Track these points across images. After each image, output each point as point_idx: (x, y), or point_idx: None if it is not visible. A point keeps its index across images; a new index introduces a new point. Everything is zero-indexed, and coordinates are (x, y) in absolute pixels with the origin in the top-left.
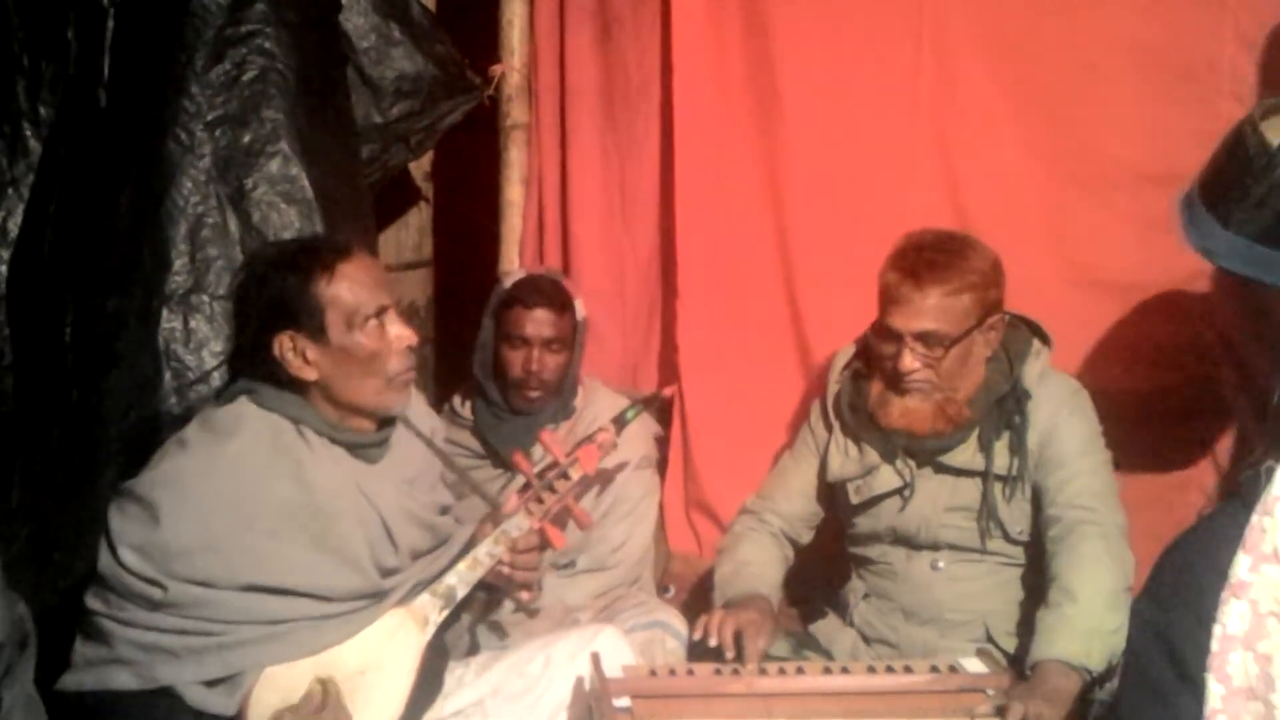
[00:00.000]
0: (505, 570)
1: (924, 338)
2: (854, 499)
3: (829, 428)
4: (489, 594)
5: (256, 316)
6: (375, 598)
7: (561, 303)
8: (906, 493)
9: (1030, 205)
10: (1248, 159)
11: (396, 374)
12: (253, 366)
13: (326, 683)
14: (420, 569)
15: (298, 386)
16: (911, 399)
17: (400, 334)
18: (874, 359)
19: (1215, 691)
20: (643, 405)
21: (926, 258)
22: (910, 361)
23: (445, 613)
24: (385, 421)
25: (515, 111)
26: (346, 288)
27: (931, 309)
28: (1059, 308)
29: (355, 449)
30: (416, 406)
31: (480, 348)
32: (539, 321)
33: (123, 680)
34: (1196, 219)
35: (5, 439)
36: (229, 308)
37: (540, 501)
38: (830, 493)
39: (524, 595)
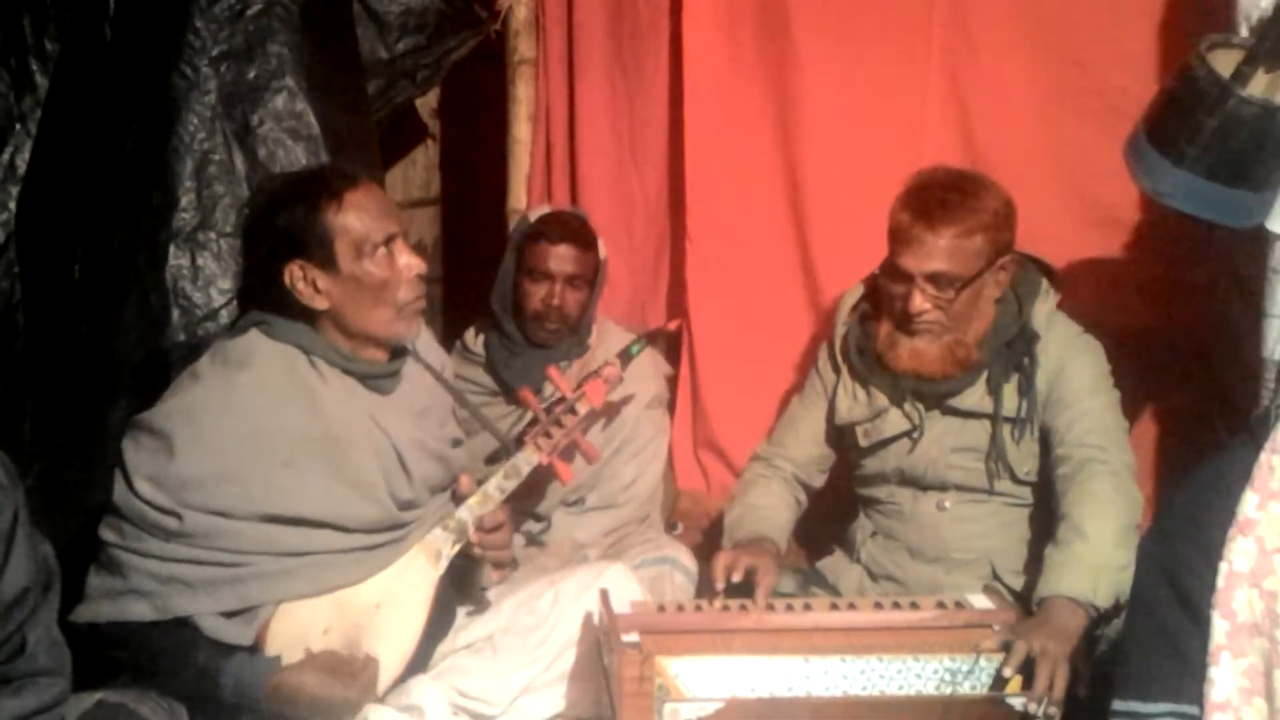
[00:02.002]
0: (476, 552)
1: (935, 279)
2: (862, 442)
3: (836, 370)
4: (465, 561)
5: (266, 247)
6: (391, 530)
7: (586, 240)
8: (915, 435)
9: (1042, 141)
10: (1199, 93)
11: (407, 302)
12: (264, 298)
13: (359, 633)
14: (438, 506)
15: (309, 317)
16: (920, 340)
17: (409, 262)
18: (883, 300)
19: (1220, 627)
20: (648, 340)
21: (939, 197)
22: (920, 302)
23: (457, 546)
24: (397, 352)
25: (522, 46)
26: (355, 216)
27: (944, 250)
28: (1070, 245)
29: (367, 380)
30: (425, 340)
31: (500, 280)
32: (562, 257)
33: (139, 611)
34: (1146, 162)
35: (16, 376)
36: (236, 245)
37: (548, 436)
38: (838, 435)
39: (494, 575)
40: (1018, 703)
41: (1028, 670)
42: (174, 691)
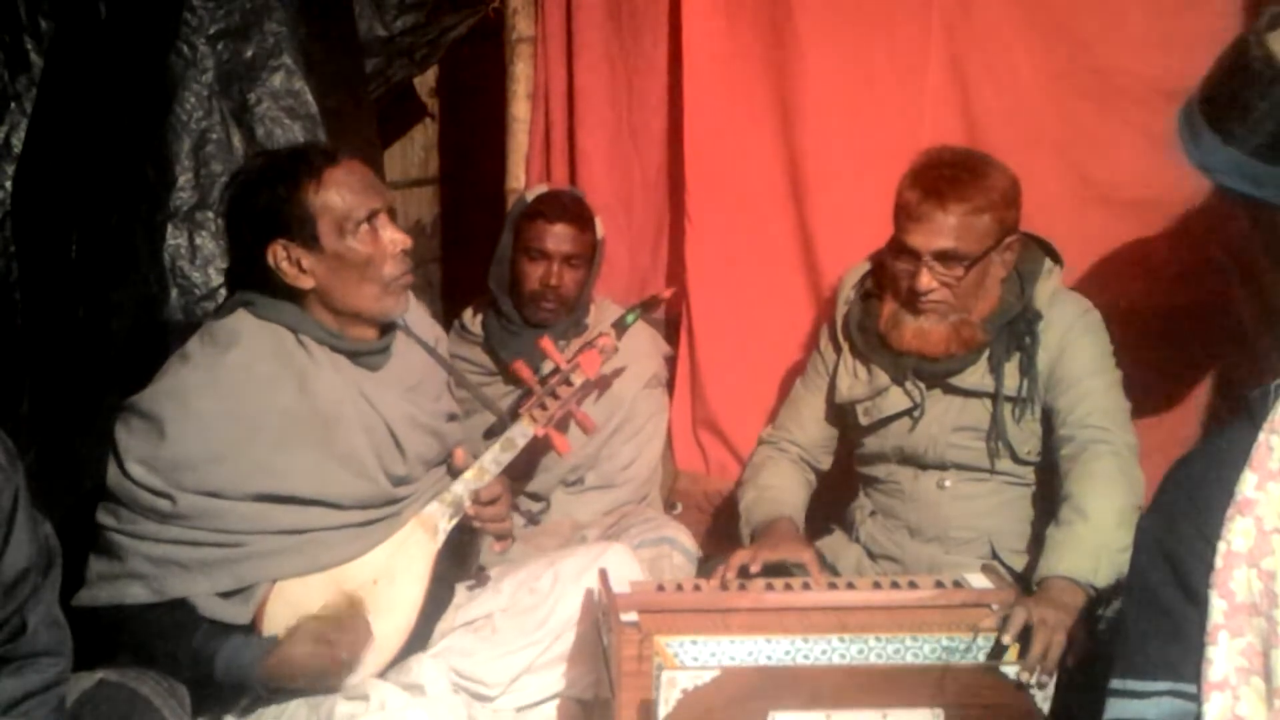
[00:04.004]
0: (475, 525)
1: (943, 257)
2: (862, 420)
3: (837, 349)
4: (464, 535)
5: (248, 228)
6: (386, 506)
7: (584, 220)
8: (916, 414)
9: (1042, 120)
10: (1251, 73)
11: (393, 278)
12: (249, 278)
13: (353, 597)
14: (434, 481)
15: (295, 296)
16: (926, 320)
17: (394, 237)
18: (888, 278)
19: (1218, 607)
20: (642, 308)
21: (948, 175)
22: (928, 281)
23: (454, 520)
24: (386, 328)
25: (521, 24)
26: (335, 193)
27: (952, 227)
28: (1070, 225)
29: (357, 357)
30: (417, 315)
31: (497, 260)
32: (560, 236)
33: (136, 593)
34: (1198, 135)
35: (14, 356)
36: None
37: (543, 408)
38: (840, 413)
39: (496, 547)
40: (1011, 671)
41: (1025, 642)
42: (172, 673)
